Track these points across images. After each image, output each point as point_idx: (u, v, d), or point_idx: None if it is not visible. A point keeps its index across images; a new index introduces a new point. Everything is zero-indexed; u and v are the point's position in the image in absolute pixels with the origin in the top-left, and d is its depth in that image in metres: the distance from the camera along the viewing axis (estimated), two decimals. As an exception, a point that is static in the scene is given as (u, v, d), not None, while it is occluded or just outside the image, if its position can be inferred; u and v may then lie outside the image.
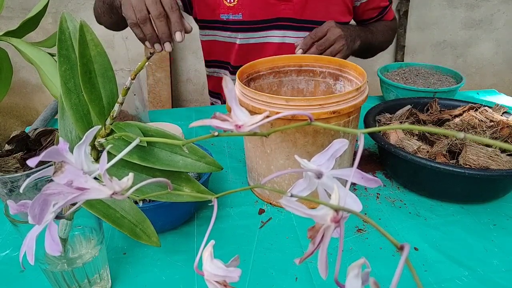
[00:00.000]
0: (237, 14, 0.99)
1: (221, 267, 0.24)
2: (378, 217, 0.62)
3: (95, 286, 0.47)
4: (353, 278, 0.21)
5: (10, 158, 0.59)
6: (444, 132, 0.19)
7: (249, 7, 0.98)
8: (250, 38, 1.02)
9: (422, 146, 0.64)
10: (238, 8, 0.99)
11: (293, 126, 0.25)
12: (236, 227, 0.60)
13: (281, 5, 0.98)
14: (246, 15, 0.99)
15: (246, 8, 0.98)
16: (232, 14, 0.99)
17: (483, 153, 0.60)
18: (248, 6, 0.98)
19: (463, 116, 0.74)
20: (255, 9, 0.98)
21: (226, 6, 0.99)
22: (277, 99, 0.55)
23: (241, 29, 1.01)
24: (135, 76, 0.37)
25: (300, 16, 0.99)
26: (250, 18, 0.99)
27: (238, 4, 0.98)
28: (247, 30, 1.01)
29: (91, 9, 1.07)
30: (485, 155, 0.59)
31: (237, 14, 0.99)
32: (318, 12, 1.00)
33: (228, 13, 1.00)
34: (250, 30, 1.01)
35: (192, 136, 0.83)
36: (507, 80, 2.40)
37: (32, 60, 0.49)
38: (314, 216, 0.22)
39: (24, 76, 2.08)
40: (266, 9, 0.99)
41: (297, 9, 0.99)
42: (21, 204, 0.28)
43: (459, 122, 0.72)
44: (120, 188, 0.23)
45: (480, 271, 0.51)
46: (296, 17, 1.00)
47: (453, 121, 0.73)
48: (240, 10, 0.99)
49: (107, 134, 0.39)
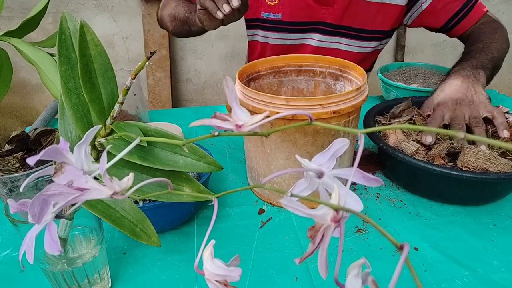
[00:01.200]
0: (277, 14, 0.99)
1: (222, 267, 0.24)
2: (378, 217, 0.62)
3: (95, 286, 0.47)
4: (353, 278, 0.21)
5: (10, 158, 0.59)
6: (444, 132, 0.19)
7: (289, 8, 0.98)
8: (285, 39, 1.03)
9: (420, 148, 0.64)
10: (279, 8, 0.99)
11: (293, 126, 0.25)
12: (236, 227, 0.60)
13: (322, 9, 0.98)
14: (286, 15, 0.99)
15: (286, 9, 0.98)
16: (272, 13, 1.00)
17: (481, 155, 0.60)
18: (288, 7, 0.98)
19: None
20: (295, 10, 0.98)
21: (268, 4, 0.99)
22: (277, 99, 0.55)
23: (277, 29, 1.01)
24: (135, 76, 0.37)
25: (339, 21, 0.98)
26: (289, 19, 0.99)
27: (279, 3, 0.98)
28: (283, 30, 1.01)
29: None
30: (483, 157, 0.59)
31: (277, 14, 0.99)
32: (357, 19, 0.98)
33: (268, 12, 1.00)
34: (287, 31, 1.01)
35: (192, 136, 0.83)
36: (507, 80, 2.40)
37: (32, 60, 0.49)
38: (314, 216, 0.22)
39: (24, 76, 2.08)
40: (306, 11, 0.98)
41: (337, 15, 0.98)
42: (21, 203, 0.28)
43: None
44: (120, 188, 0.23)
45: (480, 271, 0.51)
46: (334, 23, 0.99)
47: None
48: (280, 9, 0.99)
49: (107, 134, 0.39)
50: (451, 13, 0.95)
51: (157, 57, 1.96)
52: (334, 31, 1.00)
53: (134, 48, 2.06)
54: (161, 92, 2.03)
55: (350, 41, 1.02)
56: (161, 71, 1.99)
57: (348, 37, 1.01)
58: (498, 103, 1.00)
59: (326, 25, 1.00)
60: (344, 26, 0.99)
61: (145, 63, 0.34)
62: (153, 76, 2.01)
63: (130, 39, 2.04)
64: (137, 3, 1.96)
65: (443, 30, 0.99)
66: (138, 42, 2.04)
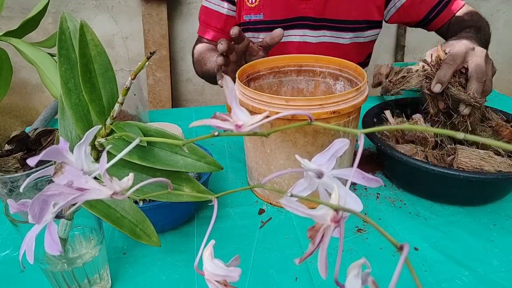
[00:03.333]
0: (258, 14, 1.00)
1: (222, 267, 0.24)
2: (378, 217, 0.62)
3: (95, 286, 0.47)
4: (353, 278, 0.21)
5: (10, 158, 0.59)
6: (444, 132, 0.19)
7: (270, 7, 0.99)
8: None
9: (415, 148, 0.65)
10: (260, 8, 1.00)
11: (293, 126, 0.25)
12: (236, 227, 0.60)
13: (302, 4, 0.99)
14: (267, 15, 1.00)
15: (267, 8, 0.99)
16: (254, 15, 1.01)
17: (475, 155, 0.60)
18: (269, 6, 0.99)
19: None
20: (275, 8, 0.99)
21: (248, 7, 1.00)
22: (277, 99, 0.55)
23: (261, 29, 1.02)
24: (135, 76, 0.37)
25: (321, 15, 0.99)
26: (271, 18, 1.00)
27: (259, 4, 0.99)
28: (267, 30, 1.01)
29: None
30: (477, 157, 0.59)
31: (258, 14, 1.00)
32: (339, 11, 0.99)
33: (250, 14, 1.01)
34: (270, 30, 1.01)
35: (192, 136, 0.83)
36: (507, 80, 2.40)
37: (32, 60, 0.49)
38: (314, 216, 0.22)
39: (24, 76, 2.08)
40: (287, 8, 0.99)
41: (318, 8, 0.99)
42: (21, 203, 0.28)
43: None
44: (120, 188, 0.23)
45: (480, 271, 0.51)
46: (316, 16, 0.99)
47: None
48: (261, 10, 1.00)
49: (107, 134, 0.39)
50: (431, 4, 0.97)
51: (157, 57, 1.96)
52: (317, 25, 1.01)
53: (134, 48, 2.06)
54: (161, 92, 2.03)
55: (334, 33, 1.02)
56: (161, 71, 1.99)
57: (331, 29, 1.01)
58: (498, 103, 1.00)
59: (308, 20, 1.00)
60: (326, 19, 1.00)
61: (145, 63, 0.34)
62: (153, 76, 2.01)
63: (130, 39, 2.04)
64: (137, 3, 1.96)
65: (423, 23, 1.01)
66: (138, 42, 2.04)
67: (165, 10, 1.92)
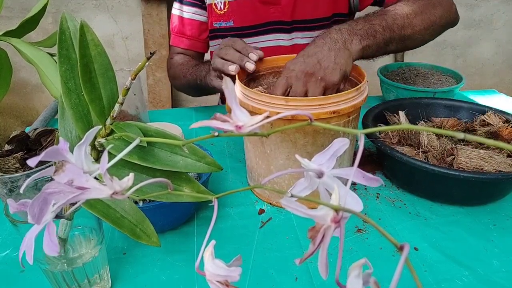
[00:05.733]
0: (228, 21, 0.99)
1: (223, 267, 0.24)
2: (378, 217, 0.62)
3: (95, 286, 0.47)
4: (354, 279, 0.21)
5: (10, 158, 0.59)
6: (444, 132, 0.19)
7: (238, 14, 0.98)
8: None
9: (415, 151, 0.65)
10: (229, 15, 0.98)
11: (293, 126, 0.25)
12: (236, 227, 0.60)
13: (270, 9, 0.97)
14: (237, 21, 0.99)
15: (236, 15, 0.98)
16: (224, 22, 0.99)
17: (475, 155, 0.60)
18: (237, 13, 0.98)
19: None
20: (244, 15, 0.98)
21: (217, 14, 0.99)
22: (277, 99, 0.55)
23: (233, 36, 1.01)
24: (135, 76, 0.37)
25: (291, 17, 0.98)
26: (241, 25, 0.99)
27: (228, 11, 0.98)
28: (239, 36, 1.01)
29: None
30: (477, 156, 0.60)
31: (228, 21, 0.99)
32: (307, 12, 0.98)
33: (219, 21, 1.00)
34: (242, 36, 1.00)
35: (192, 136, 0.83)
36: (507, 80, 2.40)
37: (32, 60, 0.49)
38: (314, 216, 0.22)
39: (24, 76, 2.08)
40: (256, 14, 0.98)
41: (286, 11, 0.97)
42: (21, 203, 0.28)
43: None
44: (121, 188, 0.23)
45: (480, 271, 0.51)
46: (286, 20, 0.98)
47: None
48: (230, 17, 0.99)
49: (107, 134, 0.39)
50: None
51: (157, 57, 1.96)
52: (289, 28, 0.99)
53: (134, 48, 2.06)
54: (161, 92, 2.03)
55: (306, 34, 1.01)
56: (161, 71, 1.99)
57: (303, 30, 1.00)
58: (498, 103, 1.01)
59: (279, 24, 0.99)
60: (296, 21, 0.99)
61: (145, 63, 0.34)
62: (153, 76, 2.01)
63: (130, 39, 2.04)
64: (137, 3, 1.96)
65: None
66: (138, 42, 2.04)
67: (165, 10, 1.92)
